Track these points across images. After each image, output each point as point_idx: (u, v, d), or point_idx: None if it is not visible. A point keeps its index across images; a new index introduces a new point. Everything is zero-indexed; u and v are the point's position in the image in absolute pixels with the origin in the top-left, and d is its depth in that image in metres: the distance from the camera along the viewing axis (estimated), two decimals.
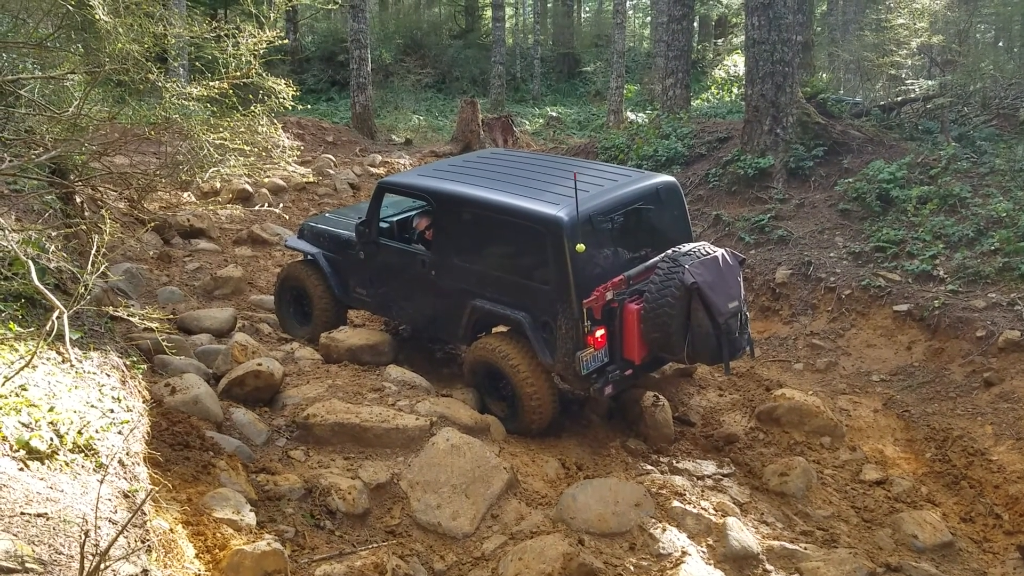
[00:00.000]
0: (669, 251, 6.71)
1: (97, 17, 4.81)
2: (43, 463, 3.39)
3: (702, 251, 6.66)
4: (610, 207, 6.78)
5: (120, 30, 4.94)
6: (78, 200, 7.74)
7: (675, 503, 5.90)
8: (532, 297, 6.74)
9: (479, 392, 7.25)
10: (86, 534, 2.78)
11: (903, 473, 7.26)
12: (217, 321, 8.45)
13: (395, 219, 8.31)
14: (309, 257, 8.65)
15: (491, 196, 7.03)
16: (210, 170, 5.96)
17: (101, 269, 4.25)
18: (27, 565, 2.66)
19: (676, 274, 6.40)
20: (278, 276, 9.13)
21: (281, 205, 8.82)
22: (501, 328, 7.19)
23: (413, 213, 8.34)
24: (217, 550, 4.24)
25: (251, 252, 11.79)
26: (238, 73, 5.73)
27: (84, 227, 6.08)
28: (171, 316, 8.20)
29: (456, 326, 7.38)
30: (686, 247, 6.74)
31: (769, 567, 5.45)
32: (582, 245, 6.22)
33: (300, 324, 8.65)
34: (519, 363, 6.82)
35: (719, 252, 6.70)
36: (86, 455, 3.60)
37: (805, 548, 5.69)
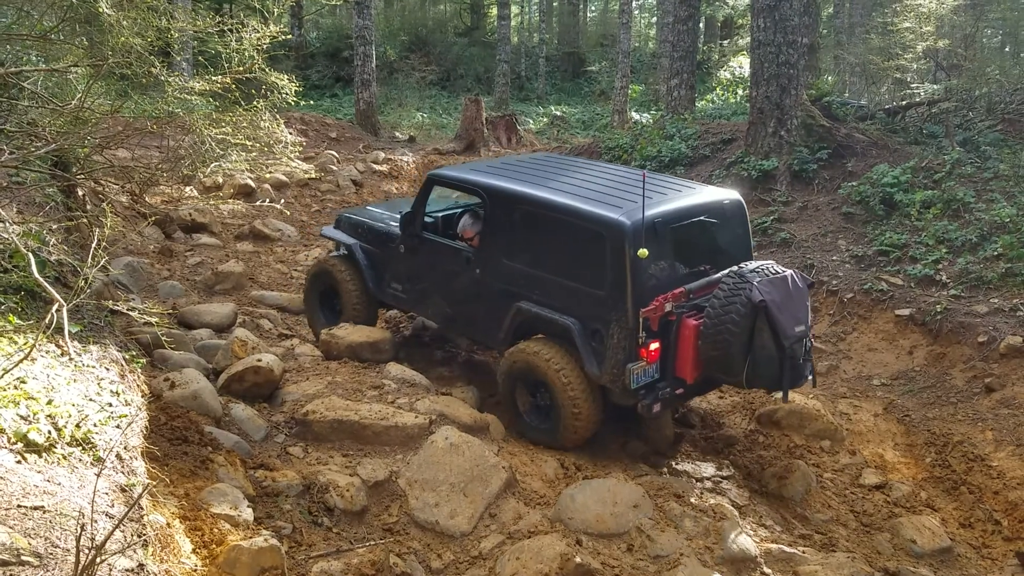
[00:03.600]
0: (735, 267, 6.31)
1: (101, 10, 4.81)
2: (41, 456, 3.39)
3: (771, 269, 6.27)
4: (673, 216, 6.44)
5: (123, 23, 4.93)
6: (80, 193, 7.73)
7: (673, 505, 5.88)
8: (584, 303, 6.41)
9: (511, 399, 6.93)
10: (82, 528, 2.77)
11: (903, 478, 7.25)
12: (217, 316, 8.45)
13: (440, 214, 8.14)
14: (342, 251, 8.53)
15: (550, 196, 6.74)
16: (212, 165, 5.95)
17: (102, 263, 4.25)
18: (23, 558, 2.65)
19: (743, 290, 5.99)
20: (308, 271, 8.95)
21: (283, 201, 8.83)
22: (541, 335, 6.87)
23: (459, 210, 8.17)
24: (214, 545, 4.22)
25: (253, 247, 11.80)
26: (241, 68, 5.72)
27: (85, 220, 6.08)
28: (171, 311, 8.22)
29: (496, 328, 7.07)
30: (753, 264, 6.33)
31: (767, 570, 5.44)
32: (645, 250, 5.90)
33: (328, 322, 8.39)
34: (564, 372, 6.45)
35: (788, 272, 6.32)
36: (84, 448, 3.59)
37: (803, 552, 5.67)
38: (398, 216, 7.95)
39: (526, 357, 6.67)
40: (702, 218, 6.64)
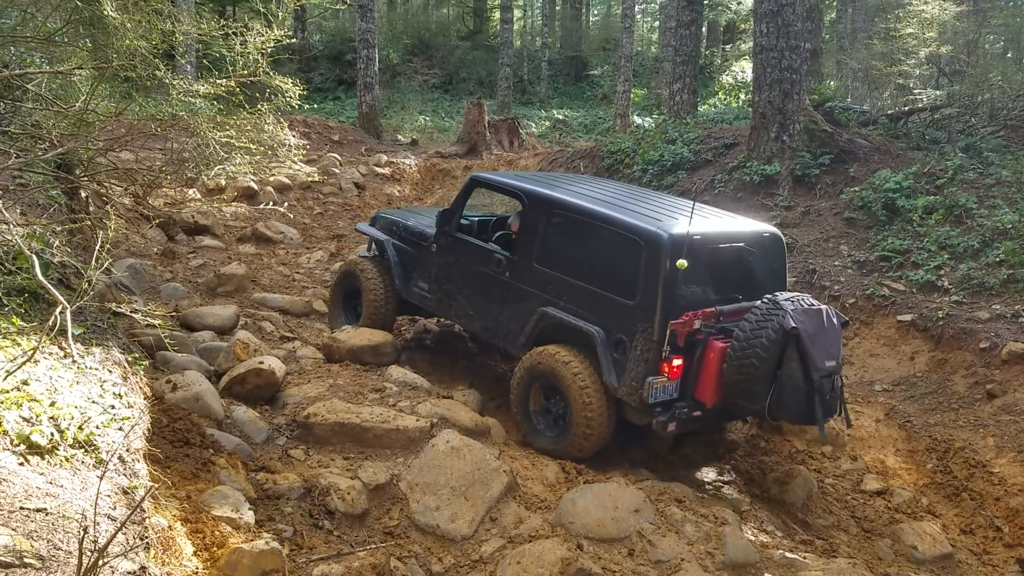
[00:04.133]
0: (769, 295, 6.20)
1: (106, 13, 4.82)
2: (43, 458, 3.39)
3: (806, 301, 6.13)
4: (711, 239, 6.46)
5: (128, 26, 4.95)
6: (83, 195, 7.75)
7: (675, 509, 5.88)
8: (612, 312, 6.40)
9: (524, 404, 6.90)
10: (85, 530, 2.77)
11: (904, 484, 7.25)
12: (220, 318, 8.45)
13: (476, 218, 8.37)
14: (372, 252, 8.78)
15: (589, 205, 6.84)
16: (216, 167, 5.96)
17: (105, 265, 4.25)
18: (26, 560, 2.66)
19: (776, 316, 5.89)
20: (336, 272, 9.18)
21: (286, 204, 8.84)
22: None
23: (494, 217, 8.39)
24: (215, 548, 4.23)
25: (255, 250, 11.81)
26: (245, 71, 5.73)
27: (88, 223, 6.08)
28: (174, 313, 8.22)
29: (518, 332, 7.10)
30: (788, 294, 6.20)
31: None
32: (684, 261, 5.87)
33: (349, 323, 8.56)
34: (581, 378, 6.44)
35: (824, 307, 6.17)
36: (86, 451, 3.60)
37: (804, 557, 5.67)
38: (434, 219, 8.12)
39: (546, 360, 6.67)
40: (740, 245, 6.66)
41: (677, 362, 6.13)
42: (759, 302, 6.13)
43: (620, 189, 8.00)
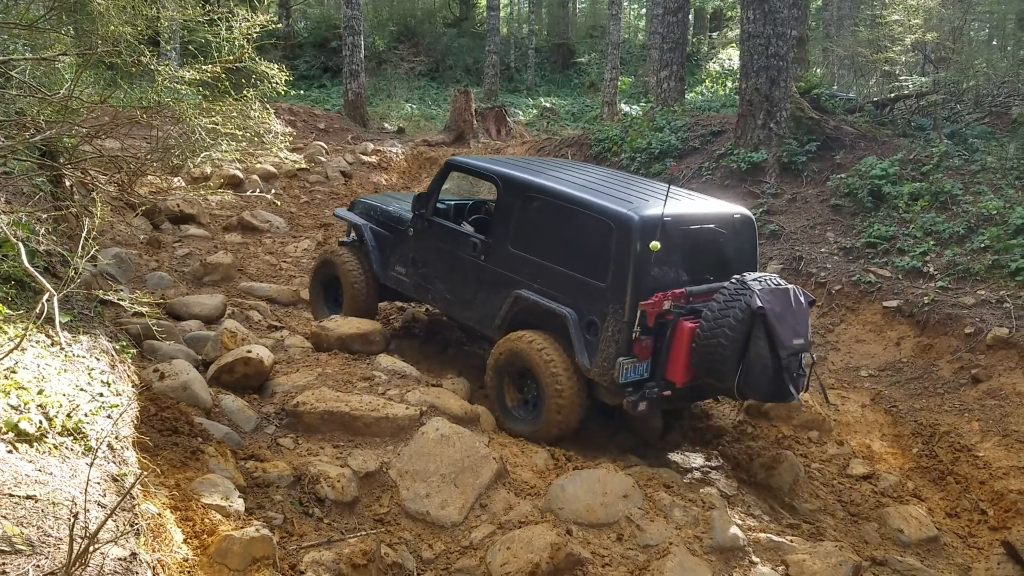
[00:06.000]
0: (737, 275, 6.28)
1: None
2: (32, 446, 3.37)
3: (773, 281, 6.22)
4: (682, 220, 6.52)
5: (112, 12, 4.90)
6: (67, 183, 7.69)
7: (663, 495, 5.91)
8: (583, 293, 6.48)
9: (499, 390, 6.98)
10: (75, 517, 2.77)
11: (890, 468, 7.31)
12: (207, 307, 8.41)
13: (452, 203, 8.41)
14: (351, 238, 8.81)
15: (563, 187, 6.89)
16: (202, 155, 5.92)
17: (91, 253, 4.23)
18: (16, 547, 2.65)
19: (743, 296, 5.97)
20: (315, 261, 9.22)
21: (273, 192, 8.80)
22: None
23: (470, 201, 8.49)
24: (205, 535, 4.22)
25: (241, 239, 11.76)
26: (231, 57, 5.69)
27: (74, 211, 6.04)
28: (160, 301, 8.18)
29: (493, 315, 7.19)
30: (755, 275, 6.26)
31: (755, 559, 5.47)
32: (657, 243, 5.94)
33: (331, 312, 8.59)
34: (553, 362, 6.52)
35: (791, 287, 6.26)
36: (75, 438, 3.58)
37: (791, 541, 5.71)
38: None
39: (518, 344, 6.76)
40: (711, 227, 6.70)
41: (647, 342, 6.22)
42: (727, 283, 6.20)
43: (595, 172, 8.01)
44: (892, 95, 14.37)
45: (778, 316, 5.98)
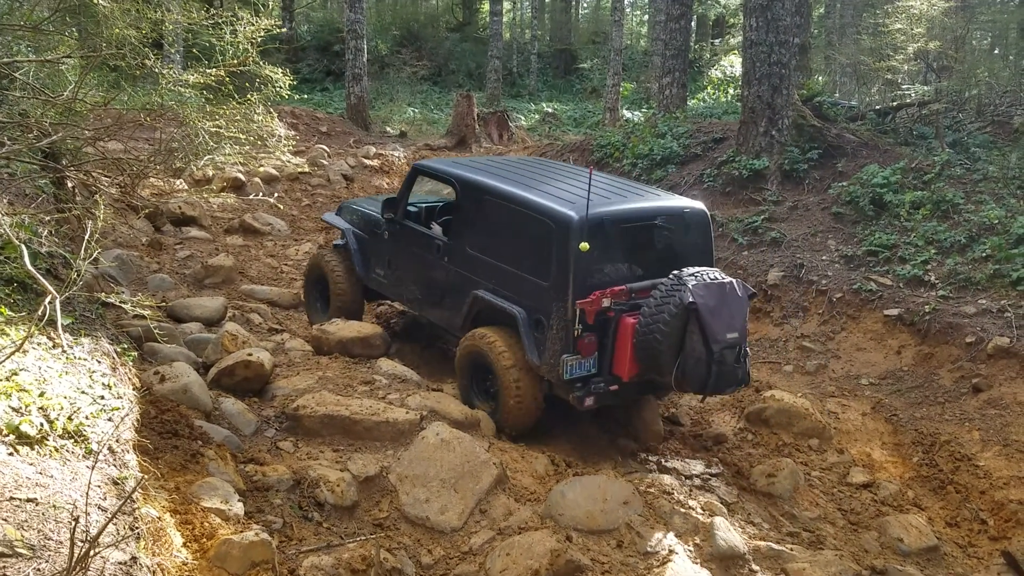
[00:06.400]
0: (676, 271, 6.43)
1: (95, 1, 4.78)
2: (33, 448, 3.37)
3: (710, 275, 6.36)
4: (626, 217, 6.66)
5: (117, 15, 4.90)
6: (69, 185, 7.70)
7: (663, 502, 5.91)
8: (530, 293, 6.69)
9: (467, 385, 7.22)
10: (76, 520, 2.76)
11: (890, 477, 7.30)
12: (207, 310, 8.42)
13: (423, 205, 8.58)
14: (339, 241, 9.01)
15: (510, 188, 7.06)
16: (205, 158, 5.92)
17: (94, 255, 4.23)
18: (17, 550, 2.65)
19: (677, 292, 6.16)
20: (306, 265, 9.43)
21: (276, 195, 8.82)
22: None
23: (440, 203, 8.66)
24: (205, 539, 4.22)
25: (242, 241, 11.76)
26: (235, 61, 5.70)
27: (76, 212, 6.04)
28: (162, 304, 8.18)
29: (457, 315, 7.43)
30: (694, 269, 6.44)
31: (755, 567, 5.47)
32: (586, 244, 6.05)
33: (323, 313, 8.86)
34: (507, 357, 6.77)
35: (728, 280, 6.41)
36: (76, 441, 3.58)
37: (791, 549, 5.71)
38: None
39: (475, 343, 7.02)
40: (657, 222, 6.79)
41: (591, 339, 6.37)
42: (665, 279, 6.36)
43: (554, 170, 8.01)
44: (894, 103, 14.37)
45: (711, 310, 6.15)
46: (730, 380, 6.43)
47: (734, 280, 6.46)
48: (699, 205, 7.26)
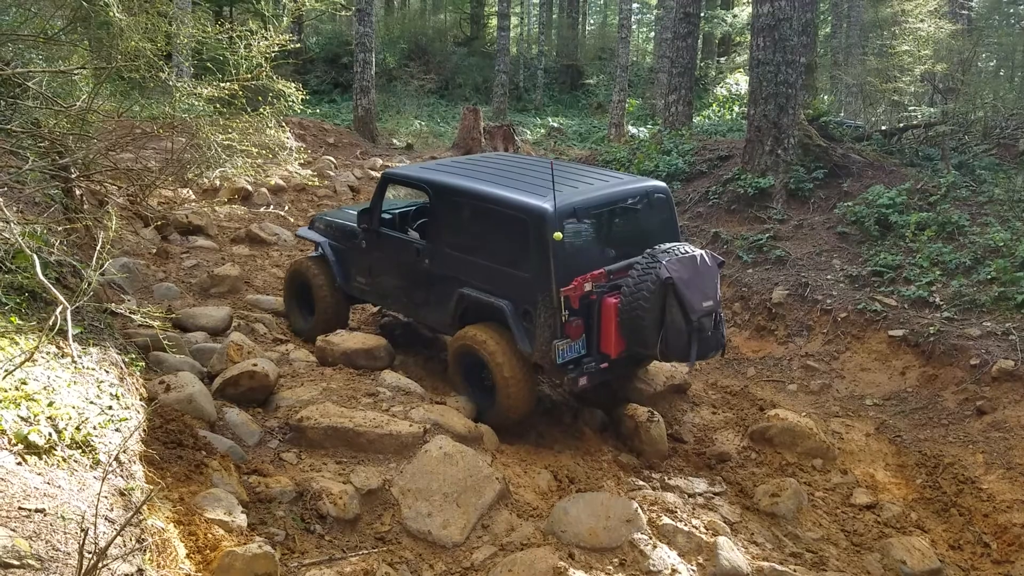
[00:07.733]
0: (649, 248, 6.79)
1: (112, 14, 4.82)
2: (41, 458, 3.38)
3: (681, 250, 6.75)
4: (595, 203, 6.97)
5: (132, 28, 4.94)
6: (77, 193, 7.73)
7: (666, 520, 5.90)
8: (515, 286, 6.91)
9: (461, 382, 7.38)
10: (85, 532, 2.77)
11: (893, 498, 7.28)
12: (213, 319, 8.43)
13: (397, 211, 8.66)
14: (317, 251, 9.03)
15: (482, 187, 7.28)
16: (217, 170, 5.96)
17: (105, 264, 4.25)
18: (25, 561, 2.65)
19: (653, 269, 6.50)
20: (287, 273, 9.44)
21: (286, 207, 8.86)
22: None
23: (413, 207, 8.77)
24: (208, 551, 4.22)
25: (249, 251, 11.77)
26: (249, 75, 5.74)
27: (86, 223, 6.07)
28: (171, 316, 8.20)
29: (444, 314, 7.59)
30: (666, 245, 6.81)
31: None
32: (559, 233, 6.36)
33: (306, 320, 8.93)
34: (498, 350, 6.94)
35: (698, 252, 6.79)
36: (84, 451, 3.59)
37: (794, 570, 5.69)
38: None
39: (465, 340, 7.19)
40: (625, 205, 7.18)
41: (578, 323, 6.65)
42: (640, 258, 6.69)
43: (516, 164, 8.31)
44: (900, 124, 14.42)
45: (686, 283, 6.53)
46: (711, 345, 6.88)
47: (704, 251, 6.85)
48: (661, 184, 7.65)
